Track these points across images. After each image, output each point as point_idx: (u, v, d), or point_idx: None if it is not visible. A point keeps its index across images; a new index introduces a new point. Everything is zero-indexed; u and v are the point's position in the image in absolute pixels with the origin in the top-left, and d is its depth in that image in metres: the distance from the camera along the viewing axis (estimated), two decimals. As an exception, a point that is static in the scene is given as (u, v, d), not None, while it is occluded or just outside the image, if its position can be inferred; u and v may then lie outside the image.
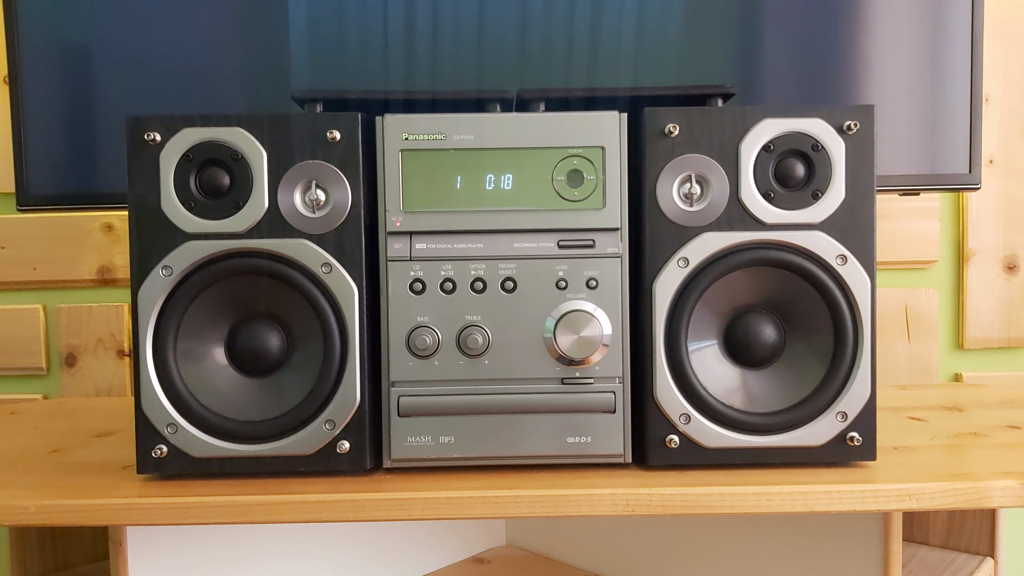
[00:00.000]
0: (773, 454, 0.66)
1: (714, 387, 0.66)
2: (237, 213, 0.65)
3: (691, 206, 0.65)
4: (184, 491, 0.63)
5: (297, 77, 0.87)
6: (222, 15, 0.89)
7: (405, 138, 0.65)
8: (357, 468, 0.66)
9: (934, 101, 0.89)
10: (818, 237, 0.65)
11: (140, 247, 0.65)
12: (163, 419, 0.65)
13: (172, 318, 0.65)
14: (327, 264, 0.65)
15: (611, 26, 0.87)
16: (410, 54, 0.87)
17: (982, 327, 1.20)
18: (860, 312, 0.65)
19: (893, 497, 0.61)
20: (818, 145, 0.65)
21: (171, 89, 0.89)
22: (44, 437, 0.85)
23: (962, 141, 0.90)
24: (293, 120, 0.65)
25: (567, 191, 0.66)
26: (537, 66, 0.87)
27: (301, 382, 0.66)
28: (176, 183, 0.65)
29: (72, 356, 1.20)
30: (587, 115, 0.66)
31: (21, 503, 0.62)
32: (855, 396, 0.65)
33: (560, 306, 0.65)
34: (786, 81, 0.90)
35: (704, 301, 0.66)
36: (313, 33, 0.87)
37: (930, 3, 0.88)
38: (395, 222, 0.66)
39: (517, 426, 0.66)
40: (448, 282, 0.65)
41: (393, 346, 0.66)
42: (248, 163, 0.65)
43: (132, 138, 0.65)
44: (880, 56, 0.89)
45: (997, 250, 1.19)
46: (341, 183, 0.65)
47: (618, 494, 0.62)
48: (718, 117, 0.65)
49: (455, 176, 0.66)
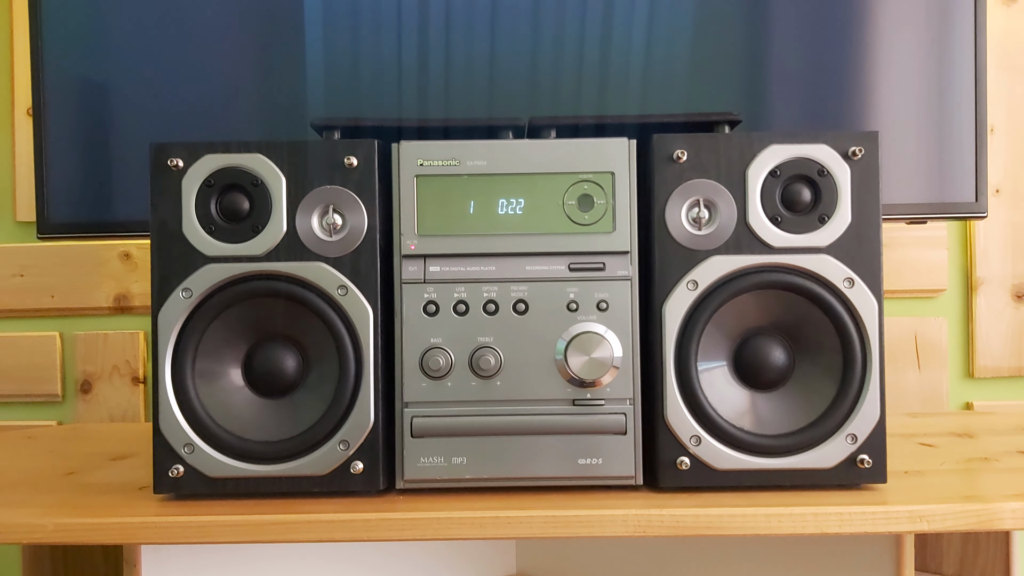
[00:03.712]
0: (783, 476, 0.66)
1: (724, 409, 0.67)
2: (256, 237, 0.66)
3: (700, 230, 0.67)
4: (199, 510, 0.63)
5: (314, 107, 0.90)
6: (240, 49, 0.91)
7: (420, 164, 0.67)
8: (370, 489, 0.66)
9: (940, 130, 0.91)
10: (825, 260, 0.66)
11: (161, 270, 0.66)
12: (180, 439, 0.66)
13: (191, 340, 0.66)
14: (343, 286, 0.66)
15: (620, 55, 0.89)
16: (424, 83, 0.89)
17: (992, 356, 1.20)
18: (868, 335, 0.66)
19: (904, 519, 0.62)
20: (824, 170, 0.67)
21: (189, 122, 0.91)
22: (60, 460, 0.86)
23: (968, 170, 0.91)
24: (311, 147, 0.67)
25: (578, 215, 0.67)
26: (548, 94, 0.89)
27: (316, 403, 0.67)
28: (197, 207, 0.66)
29: (87, 383, 1.21)
30: (597, 141, 0.67)
31: (39, 521, 0.62)
32: (865, 418, 0.66)
33: (571, 328, 0.66)
34: (793, 111, 0.91)
35: (713, 324, 0.67)
36: (330, 64, 0.90)
37: (935, 34, 0.90)
38: (410, 245, 0.67)
39: (529, 447, 0.67)
40: (461, 304, 0.67)
41: (407, 367, 0.67)
42: (267, 188, 0.66)
43: (155, 164, 0.67)
44: (886, 86, 0.91)
45: (1006, 279, 1.20)
46: (358, 208, 0.66)
47: (629, 515, 0.62)
48: (725, 143, 0.67)
49: (468, 201, 0.67)
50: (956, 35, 0.90)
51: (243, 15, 0.91)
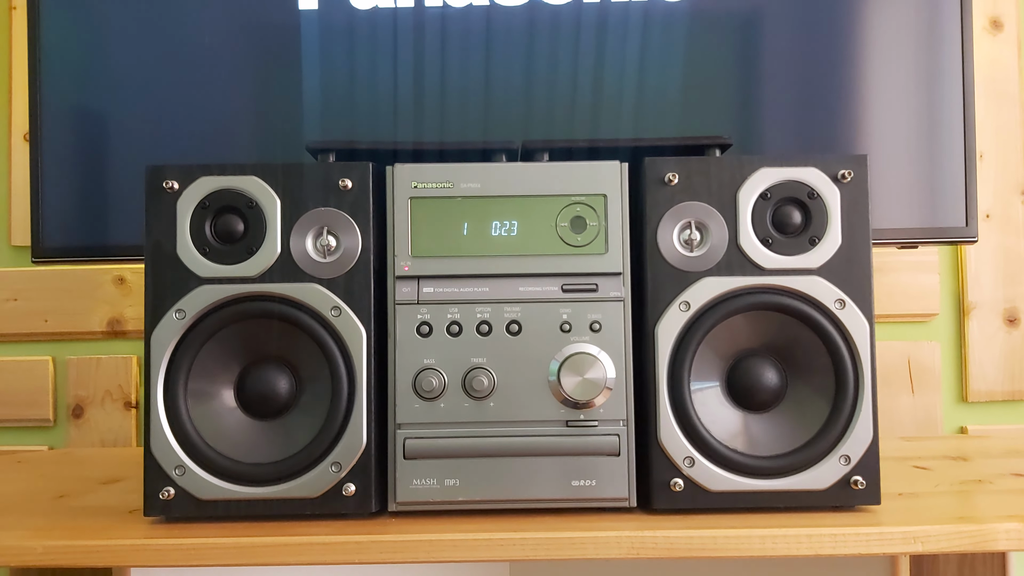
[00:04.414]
0: (777, 498, 0.66)
1: (717, 430, 0.67)
2: (250, 258, 0.67)
3: (691, 252, 0.67)
4: (190, 533, 0.63)
5: (309, 130, 0.90)
6: (236, 77, 0.92)
7: (414, 186, 0.68)
8: (362, 511, 0.66)
9: (931, 156, 0.92)
10: (816, 282, 0.67)
11: (155, 291, 0.66)
12: (171, 461, 0.65)
13: (183, 361, 0.66)
14: (336, 307, 0.66)
15: (612, 80, 0.90)
16: (419, 107, 0.91)
17: (986, 380, 1.20)
18: (860, 356, 0.66)
19: (899, 540, 0.61)
20: (814, 193, 0.67)
21: (184, 148, 0.92)
22: (51, 483, 0.85)
23: (958, 195, 0.92)
24: (306, 169, 0.67)
25: (570, 237, 0.68)
26: (541, 118, 0.90)
27: (308, 424, 0.67)
28: (192, 229, 0.67)
29: (79, 407, 1.21)
30: (589, 164, 0.68)
31: (28, 543, 0.62)
32: (857, 440, 0.66)
33: (564, 349, 0.66)
34: (787, 139, 0.92)
35: (706, 345, 0.67)
36: (326, 88, 0.91)
37: (924, 63, 0.92)
38: (403, 267, 0.67)
39: (522, 469, 0.66)
40: (455, 325, 0.67)
41: (399, 388, 0.67)
42: (262, 210, 0.67)
43: (151, 186, 0.67)
44: (878, 114, 0.92)
45: (997, 303, 1.20)
46: (352, 229, 0.67)
47: (623, 536, 0.62)
48: (716, 166, 0.68)
49: (462, 222, 0.68)
50: (944, 63, 0.92)
51: (239, 44, 0.92)
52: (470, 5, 0.91)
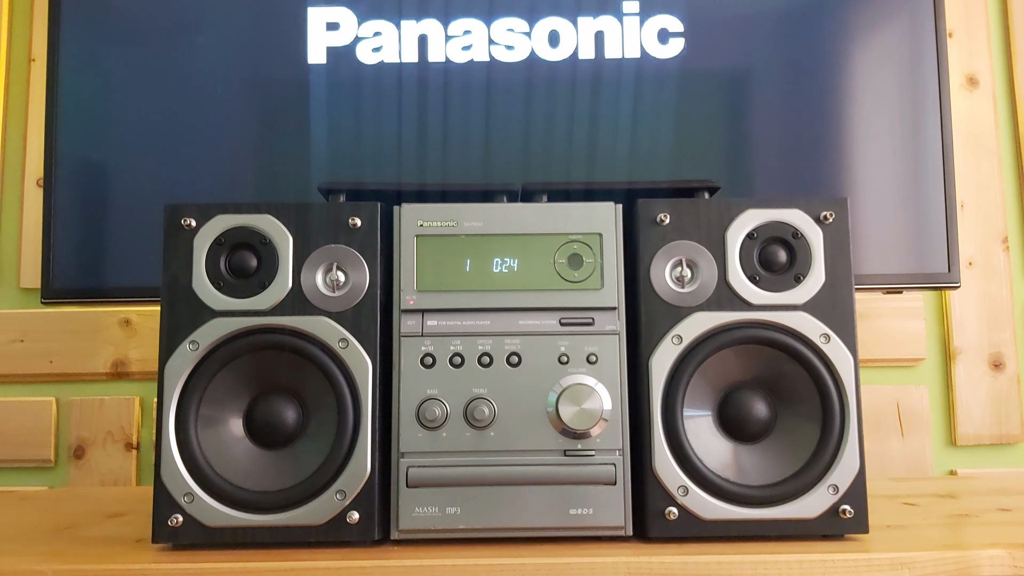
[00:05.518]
0: (769, 527, 0.68)
1: (710, 460, 0.69)
2: (262, 292, 0.70)
3: (683, 288, 0.70)
4: (197, 559, 0.65)
5: (318, 173, 0.94)
6: (246, 126, 0.97)
7: (420, 225, 0.71)
8: (365, 539, 0.68)
9: (914, 206, 0.96)
10: (802, 317, 0.70)
11: (170, 323, 0.69)
12: (181, 488, 0.67)
13: (195, 391, 0.69)
14: (344, 339, 0.69)
15: (607, 128, 0.95)
16: (423, 152, 0.95)
17: (973, 424, 1.22)
18: (845, 388, 0.69)
19: (886, 566, 0.63)
20: (798, 233, 0.71)
21: (196, 196, 0.95)
22: (56, 517, 0.87)
23: (940, 242, 0.96)
24: (318, 208, 0.71)
25: (568, 273, 0.71)
26: (540, 162, 0.95)
27: (314, 453, 0.69)
28: (207, 264, 0.70)
29: (80, 448, 1.22)
30: (586, 205, 0.72)
31: (38, 567, 0.63)
32: (845, 469, 0.68)
33: (562, 380, 0.69)
34: (776, 189, 0.97)
35: (698, 377, 0.70)
36: (333, 133, 0.95)
37: (906, 118, 0.97)
38: (409, 301, 0.70)
39: (521, 498, 0.68)
40: (457, 356, 0.70)
41: (403, 418, 0.69)
42: (275, 247, 0.70)
43: (169, 223, 0.71)
44: (862, 166, 0.97)
45: (982, 348, 1.23)
46: (360, 265, 0.70)
47: (619, 562, 0.64)
48: (705, 208, 0.72)
49: (465, 259, 0.71)
50: (924, 118, 0.97)
51: (249, 97, 0.97)
52: (471, 61, 0.96)
